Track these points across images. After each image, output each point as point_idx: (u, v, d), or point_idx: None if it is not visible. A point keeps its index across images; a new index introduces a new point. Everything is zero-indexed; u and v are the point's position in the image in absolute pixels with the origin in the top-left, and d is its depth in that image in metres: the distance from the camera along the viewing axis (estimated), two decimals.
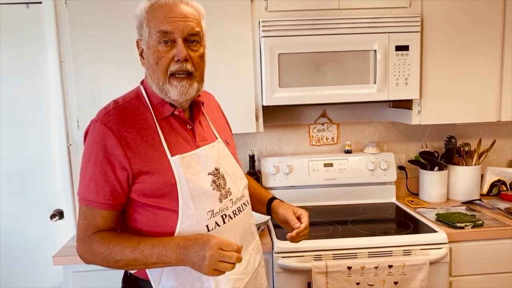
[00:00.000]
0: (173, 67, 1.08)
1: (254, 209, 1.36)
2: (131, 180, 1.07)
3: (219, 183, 1.16)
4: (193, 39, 1.11)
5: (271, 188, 2.23)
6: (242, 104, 1.95)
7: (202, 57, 1.14)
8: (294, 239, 1.26)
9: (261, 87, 1.94)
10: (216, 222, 1.13)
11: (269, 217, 1.80)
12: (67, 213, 2.18)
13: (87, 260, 1.10)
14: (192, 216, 1.09)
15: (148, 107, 1.13)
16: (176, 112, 1.14)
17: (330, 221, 1.98)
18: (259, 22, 1.89)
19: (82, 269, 1.67)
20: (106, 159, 1.05)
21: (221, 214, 1.14)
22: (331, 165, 2.26)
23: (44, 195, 2.19)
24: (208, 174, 1.15)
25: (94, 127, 1.08)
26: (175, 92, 1.09)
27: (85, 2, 1.82)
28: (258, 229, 1.76)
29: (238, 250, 1.02)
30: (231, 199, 1.18)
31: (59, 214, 2.18)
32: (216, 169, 1.17)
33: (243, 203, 1.24)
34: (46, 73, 2.10)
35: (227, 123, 1.44)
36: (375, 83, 1.93)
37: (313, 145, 2.38)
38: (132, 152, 1.06)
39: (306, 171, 2.24)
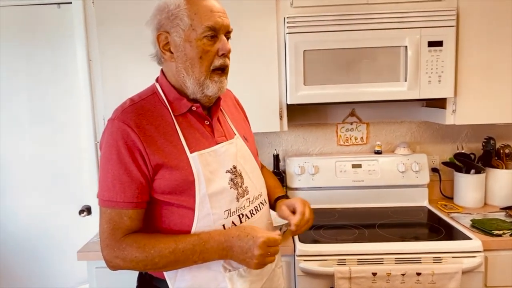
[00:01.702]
0: (218, 62, 1.09)
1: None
2: (152, 174, 1.05)
3: (237, 181, 1.13)
4: (228, 36, 1.12)
5: (296, 189, 2.18)
6: (265, 102, 1.92)
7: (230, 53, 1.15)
8: (294, 233, 1.22)
9: (286, 85, 1.89)
10: (233, 222, 1.10)
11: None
12: (94, 209, 2.23)
13: (118, 265, 1.06)
14: (208, 215, 1.07)
15: (165, 103, 1.11)
16: (194, 108, 1.12)
17: (357, 224, 1.90)
18: (284, 18, 1.85)
19: (105, 265, 1.69)
20: (129, 156, 1.03)
21: (238, 214, 1.12)
22: (359, 166, 2.18)
23: (73, 191, 2.25)
24: (226, 172, 1.12)
25: (112, 125, 1.06)
26: (214, 88, 1.10)
27: (112, 2, 1.85)
28: (279, 230, 1.72)
29: (281, 241, 1.07)
30: (248, 198, 1.15)
31: (87, 210, 2.22)
32: (234, 167, 1.14)
33: (261, 202, 1.20)
34: (75, 72, 2.14)
35: (246, 117, 1.41)
36: (405, 80, 1.83)
37: (341, 145, 2.30)
38: (151, 148, 1.04)
39: (333, 172, 2.18)
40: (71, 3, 2.07)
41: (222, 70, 1.11)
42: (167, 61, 1.13)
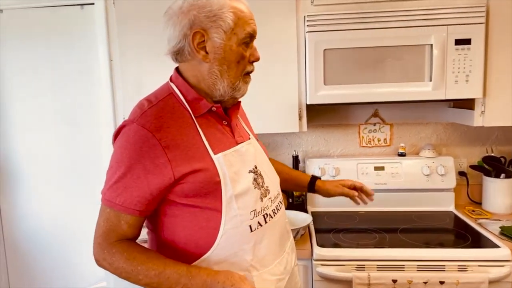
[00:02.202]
0: (250, 68, 1.11)
1: (291, 189, 1.62)
2: (170, 185, 1.01)
3: (259, 181, 1.12)
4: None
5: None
6: (284, 102, 1.88)
7: None
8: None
9: (305, 85, 1.85)
10: (258, 222, 1.08)
11: (309, 221, 1.74)
12: None
13: (104, 267, 1.04)
14: (236, 216, 1.04)
15: (184, 104, 1.07)
16: (214, 108, 1.09)
17: (378, 228, 1.84)
18: (304, 17, 1.81)
19: None
20: (140, 163, 0.98)
21: (263, 214, 1.10)
22: (382, 168, 2.12)
23: (94, 190, 2.26)
24: (249, 172, 1.10)
25: (130, 128, 1.01)
26: (245, 89, 1.12)
27: (132, 2, 1.85)
28: (297, 234, 1.69)
29: None
30: (270, 198, 1.14)
31: None
32: (255, 167, 1.13)
33: (280, 201, 1.20)
34: (97, 72, 2.16)
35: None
36: (430, 80, 1.76)
37: (363, 146, 2.24)
38: (173, 154, 1.00)
39: (354, 174, 2.12)
40: (93, 4, 2.10)
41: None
42: (194, 60, 1.07)
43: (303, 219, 1.76)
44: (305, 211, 2.11)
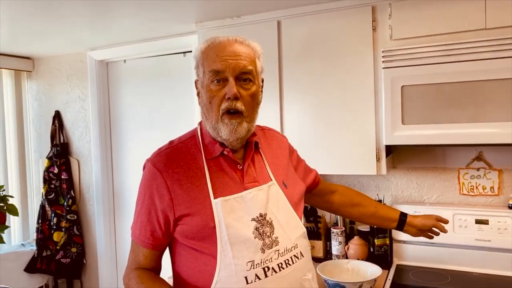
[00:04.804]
0: (224, 105, 1.07)
1: (380, 226, 1.63)
2: (173, 222, 1.07)
3: (263, 230, 1.06)
4: (245, 77, 1.09)
5: (403, 242, 1.92)
6: (361, 142, 1.77)
7: (253, 96, 1.11)
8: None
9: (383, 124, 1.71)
10: (256, 275, 1.03)
11: (377, 275, 1.57)
12: None
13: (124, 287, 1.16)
14: (230, 265, 1.02)
15: (200, 147, 1.13)
16: (225, 152, 1.11)
17: None
18: (382, 51, 1.70)
19: None
20: (151, 199, 1.08)
21: (262, 266, 1.04)
22: (486, 222, 1.79)
23: None
24: (252, 220, 1.06)
25: (146, 166, 1.13)
26: (226, 131, 1.08)
27: None
28: None
29: None
30: (277, 250, 1.06)
31: None
32: (261, 215, 1.08)
33: (294, 255, 1.10)
34: (193, 113, 2.37)
35: (298, 163, 1.32)
36: None
37: (464, 194, 1.94)
38: (176, 193, 1.06)
39: (450, 226, 1.82)
40: (191, 52, 2.33)
41: (235, 112, 1.07)
42: None
43: (371, 272, 1.59)
44: (389, 263, 1.90)
